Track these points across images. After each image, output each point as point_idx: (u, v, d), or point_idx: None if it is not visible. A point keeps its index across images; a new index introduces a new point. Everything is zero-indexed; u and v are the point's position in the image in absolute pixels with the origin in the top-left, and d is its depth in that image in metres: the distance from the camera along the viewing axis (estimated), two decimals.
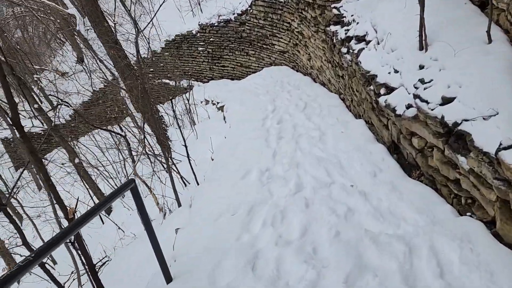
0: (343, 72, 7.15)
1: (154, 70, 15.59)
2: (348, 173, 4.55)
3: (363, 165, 4.53)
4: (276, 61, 12.16)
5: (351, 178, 4.44)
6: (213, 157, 6.28)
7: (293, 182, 4.53)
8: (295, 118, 7.18)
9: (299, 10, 9.71)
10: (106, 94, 15.22)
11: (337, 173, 4.59)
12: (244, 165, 5.33)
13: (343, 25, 7.31)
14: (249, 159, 5.52)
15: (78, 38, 15.79)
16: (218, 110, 10.12)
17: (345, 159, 4.83)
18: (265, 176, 4.84)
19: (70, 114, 16.98)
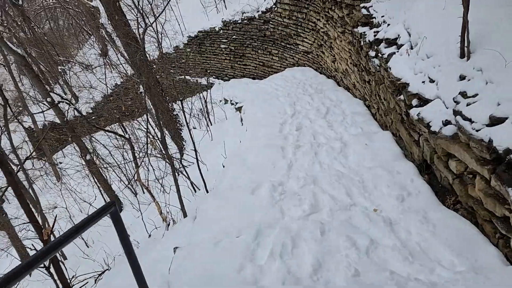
0: (370, 77, 6.53)
1: (175, 66, 15.22)
2: (372, 194, 3.96)
3: (389, 187, 3.94)
4: (299, 62, 11.57)
5: (375, 201, 3.85)
6: (225, 164, 5.79)
7: (308, 202, 3.98)
8: (315, 124, 6.60)
9: (325, 9, 9.09)
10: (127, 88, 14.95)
11: (358, 193, 4.02)
12: (256, 177, 4.80)
13: (372, 26, 6.68)
14: (262, 170, 4.99)
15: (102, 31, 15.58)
16: (236, 111, 9.62)
17: (368, 177, 4.25)
18: (277, 192, 4.30)
19: (91, 107, 16.83)
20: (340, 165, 4.77)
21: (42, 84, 8.35)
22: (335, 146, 5.33)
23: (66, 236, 2.21)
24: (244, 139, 6.89)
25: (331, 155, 5.09)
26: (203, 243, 3.60)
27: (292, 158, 5.21)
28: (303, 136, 6.07)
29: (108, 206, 2.28)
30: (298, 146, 5.57)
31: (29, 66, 8.00)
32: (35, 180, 14.70)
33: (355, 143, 5.23)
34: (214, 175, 6.15)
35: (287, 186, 4.43)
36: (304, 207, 3.91)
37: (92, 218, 2.27)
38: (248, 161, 5.34)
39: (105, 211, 2.28)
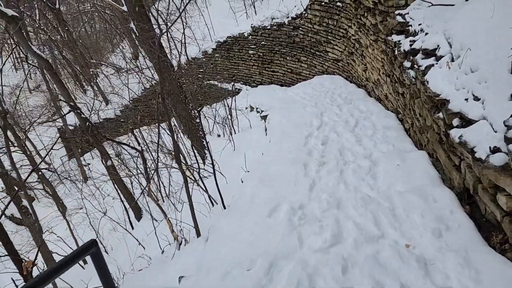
0: (404, 89, 6.00)
1: (203, 71, 15.03)
2: (403, 225, 3.47)
3: (424, 217, 3.44)
4: (328, 70, 11.08)
5: (407, 233, 3.36)
6: (244, 178, 5.41)
7: (330, 230, 3.53)
8: (342, 138, 6.12)
9: (357, 16, 8.60)
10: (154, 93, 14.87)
11: (388, 223, 3.53)
12: (275, 196, 4.39)
13: (407, 35, 6.15)
14: (282, 188, 4.57)
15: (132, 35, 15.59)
16: (261, 120, 9.24)
17: (400, 204, 3.75)
18: (297, 216, 3.87)
19: (120, 109, 16.87)
20: (368, 187, 4.29)
21: (65, 89, 8.27)
22: (363, 164, 4.84)
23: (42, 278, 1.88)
24: (266, 151, 6.49)
25: (359, 175, 4.61)
26: (211, 272, 3.22)
27: (315, 176, 4.76)
28: (329, 151, 5.61)
29: (88, 247, 1.93)
30: (323, 163, 5.12)
31: (52, 70, 7.94)
32: (63, 180, 14.84)
33: (386, 162, 4.73)
34: (233, 189, 5.78)
35: (307, 209, 3.99)
36: (325, 236, 3.46)
37: (71, 258, 1.92)
38: (268, 177, 4.93)
39: (85, 251, 1.93)
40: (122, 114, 16.79)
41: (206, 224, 5.06)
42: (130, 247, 6.91)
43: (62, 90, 8.05)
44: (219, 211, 5.36)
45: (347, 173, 4.71)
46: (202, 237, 4.56)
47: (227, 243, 3.75)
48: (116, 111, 16.91)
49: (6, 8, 6.89)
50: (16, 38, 7.92)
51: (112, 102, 17.23)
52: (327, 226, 3.58)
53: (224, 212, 4.84)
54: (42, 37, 20.94)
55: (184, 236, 4.97)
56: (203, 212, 5.58)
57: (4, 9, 6.65)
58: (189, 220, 5.02)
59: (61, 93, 8.01)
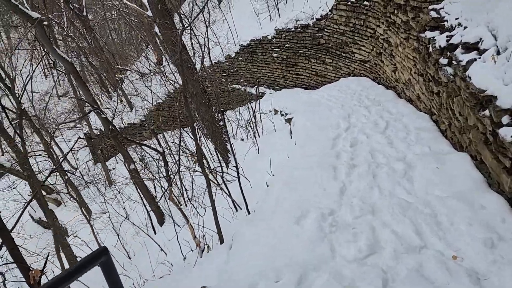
0: (440, 88, 5.59)
1: (227, 75, 14.88)
2: (448, 234, 3.10)
3: (472, 226, 3.06)
4: (355, 71, 10.69)
5: (453, 243, 2.99)
6: (269, 182, 5.11)
7: (365, 238, 3.19)
8: (372, 140, 5.75)
9: (386, 14, 8.21)
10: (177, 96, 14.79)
11: (430, 231, 3.17)
12: (302, 202, 4.07)
13: (443, 30, 5.74)
14: (309, 194, 4.24)
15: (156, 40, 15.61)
16: (285, 123, 8.94)
17: (442, 210, 3.37)
18: (327, 223, 3.54)
19: (144, 114, 16.89)
20: (404, 192, 3.92)
21: (89, 91, 8.21)
22: (397, 167, 4.47)
23: None
24: (292, 154, 6.18)
25: (393, 178, 4.25)
26: (235, 283, 2.93)
27: (345, 180, 4.42)
28: (359, 154, 5.25)
29: (98, 255, 1.67)
30: (353, 166, 4.77)
31: (76, 73, 7.89)
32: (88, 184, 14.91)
33: (422, 165, 4.34)
34: (258, 193, 5.49)
35: (338, 216, 3.66)
36: (360, 245, 3.12)
37: (78, 268, 1.67)
38: (294, 181, 4.62)
39: (95, 260, 1.67)
40: (146, 118, 16.80)
41: (229, 230, 4.78)
42: (152, 252, 6.71)
43: (86, 93, 7.98)
44: (243, 216, 5.08)
45: (380, 176, 4.35)
46: (225, 244, 4.29)
47: (252, 251, 3.46)
48: (140, 115, 16.94)
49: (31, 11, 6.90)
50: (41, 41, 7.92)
51: (137, 107, 17.28)
52: (362, 234, 3.24)
53: (248, 218, 4.56)
54: (70, 44, 21.31)
55: (207, 243, 4.71)
56: (226, 217, 5.31)
57: (29, 12, 6.65)
58: (212, 226, 4.76)
59: (85, 96, 7.95)
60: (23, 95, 21.49)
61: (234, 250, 3.64)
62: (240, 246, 3.64)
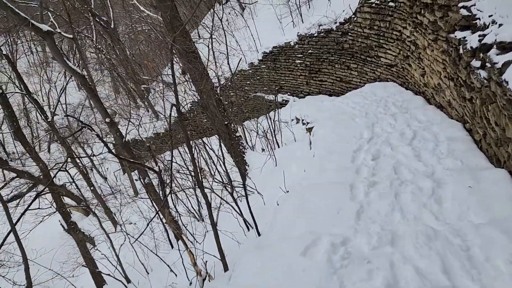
0: (473, 94, 4.96)
1: (250, 83, 14.54)
2: (483, 273, 2.54)
3: None
4: (381, 76, 10.05)
5: (489, 286, 2.43)
6: (280, 201, 4.65)
7: (382, 276, 2.67)
8: (398, 153, 5.17)
9: (413, 14, 7.59)
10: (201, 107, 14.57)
11: (461, 269, 2.61)
12: (314, 226, 3.59)
13: (475, 29, 5.12)
14: (322, 216, 3.75)
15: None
16: (306, 132, 8.44)
17: (476, 241, 2.81)
18: (338, 254, 3.04)
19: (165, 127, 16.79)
20: (432, 217, 3.36)
21: (101, 104, 8.04)
22: (424, 185, 3.90)
23: None
24: (309, 168, 5.69)
25: (419, 199, 3.68)
26: None
27: (363, 200, 3.89)
28: (381, 168, 4.70)
29: None
30: (373, 183, 4.22)
31: (88, 86, 7.74)
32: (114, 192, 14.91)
33: (454, 183, 3.76)
34: (271, 210, 5.03)
35: (352, 245, 3.14)
36: (376, 285, 2.61)
37: None
38: (307, 201, 4.13)
39: None
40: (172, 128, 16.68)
41: (238, 253, 4.35)
42: (165, 271, 6.37)
43: (99, 106, 7.83)
44: (253, 237, 4.63)
45: (403, 196, 3.79)
46: (229, 272, 3.86)
47: (255, 283, 3.01)
48: (165, 125, 16.86)
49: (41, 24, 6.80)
50: (52, 53, 7.86)
51: (161, 117, 17.23)
52: (378, 271, 2.73)
53: (257, 241, 4.12)
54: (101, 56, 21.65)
55: (211, 270, 4.28)
56: (238, 237, 4.88)
57: (39, 25, 6.54)
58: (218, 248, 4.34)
59: (98, 109, 7.79)
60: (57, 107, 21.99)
61: (236, 283, 3.20)
62: (243, 279, 3.20)
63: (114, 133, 7.85)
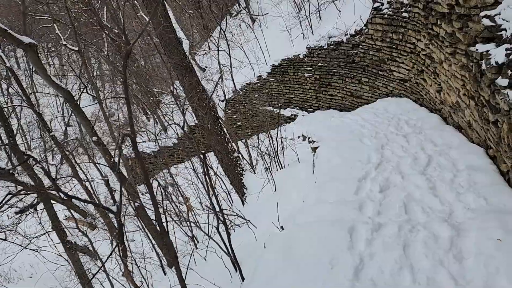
0: (498, 117, 4.18)
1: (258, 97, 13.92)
2: None
3: None
4: (394, 91, 9.26)
5: None
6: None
7: None
8: (409, 183, 4.41)
9: (428, 26, 6.83)
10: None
11: None
12: (299, 283, 2.86)
13: (500, 42, 4.37)
14: (311, 271, 3.02)
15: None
16: (312, 151, 7.70)
17: None
18: None
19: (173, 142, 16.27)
20: (450, 280, 2.60)
21: (87, 120, 7.50)
22: (441, 233, 3.13)
23: None
24: (308, 197, 4.95)
25: (434, 253, 2.92)
26: None
27: (364, 251, 3.14)
28: (389, 205, 3.93)
29: None
30: (378, 227, 3.47)
31: (73, 102, 7.21)
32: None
33: (477, 231, 2.99)
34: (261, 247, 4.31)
35: None
36: None
37: None
38: (297, 246, 3.40)
39: None
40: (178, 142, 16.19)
41: None
42: None
43: (85, 124, 7.28)
44: (238, 283, 3.91)
45: (414, 248, 3.03)
46: None
47: None
48: (173, 139, 16.35)
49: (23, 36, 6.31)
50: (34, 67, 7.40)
51: (170, 130, 16.74)
52: None
53: None
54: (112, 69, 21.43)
55: None
56: (221, 280, 4.16)
57: (20, 37, 6.03)
58: None
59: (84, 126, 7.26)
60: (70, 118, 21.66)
61: None
62: None
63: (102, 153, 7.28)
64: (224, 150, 6.89)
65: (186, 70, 6.36)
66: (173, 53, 6.15)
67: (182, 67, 6.31)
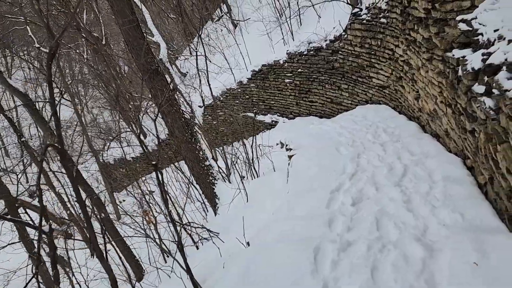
0: (475, 126, 3.93)
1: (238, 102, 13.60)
2: None
3: None
4: (373, 98, 9.05)
5: None
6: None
7: None
8: (384, 196, 4.13)
9: (405, 31, 6.63)
10: None
11: None
12: None
13: (476, 47, 4.13)
14: None
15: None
16: (288, 159, 7.41)
17: None
18: None
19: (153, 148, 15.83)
20: None
21: (45, 124, 7.05)
22: (413, 253, 2.84)
23: None
24: (279, 210, 4.64)
25: (403, 277, 2.62)
26: None
27: (329, 276, 2.82)
28: (360, 220, 3.64)
29: None
30: (347, 245, 3.16)
31: (32, 107, 6.79)
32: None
33: (451, 252, 2.71)
34: (227, 266, 3.96)
35: None
36: None
37: None
38: (256, 269, 3.07)
39: None
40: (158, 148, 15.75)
41: None
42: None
43: (42, 126, 6.86)
44: None
45: (383, 271, 2.73)
46: None
47: None
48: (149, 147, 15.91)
49: None
50: None
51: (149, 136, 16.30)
52: None
53: None
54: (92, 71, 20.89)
55: None
56: None
57: None
58: None
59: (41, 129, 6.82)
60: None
61: None
62: None
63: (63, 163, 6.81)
64: (195, 158, 6.53)
65: (153, 73, 5.99)
66: (139, 54, 5.79)
67: (149, 70, 5.93)
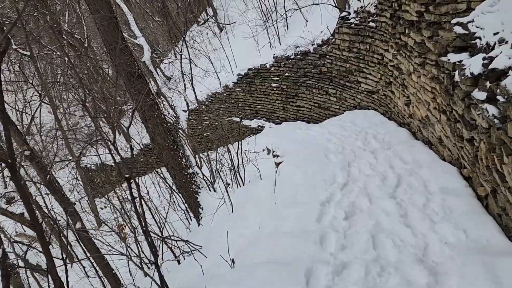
0: (474, 134, 3.68)
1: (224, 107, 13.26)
2: None
3: None
4: (361, 104, 8.82)
5: None
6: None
7: None
8: (378, 209, 3.84)
9: (395, 35, 6.40)
10: None
11: None
12: None
13: (474, 51, 3.89)
14: None
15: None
16: (275, 167, 7.09)
17: None
18: None
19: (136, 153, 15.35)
20: None
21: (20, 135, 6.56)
22: (416, 278, 2.54)
23: None
24: (265, 224, 4.30)
25: None
26: None
27: None
28: (355, 237, 3.33)
29: None
30: (342, 268, 2.85)
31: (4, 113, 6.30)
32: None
33: (458, 278, 2.41)
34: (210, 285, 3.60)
35: None
36: None
37: None
38: None
39: None
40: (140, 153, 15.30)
41: None
42: None
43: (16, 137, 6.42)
44: None
45: None
46: None
47: None
48: (135, 150, 15.42)
49: None
50: None
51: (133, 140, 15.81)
52: None
53: None
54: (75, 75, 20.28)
55: None
56: None
57: None
58: None
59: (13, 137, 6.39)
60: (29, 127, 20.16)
61: None
62: None
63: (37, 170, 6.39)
64: (177, 165, 6.16)
65: (133, 76, 5.62)
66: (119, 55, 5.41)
67: (129, 72, 5.56)
